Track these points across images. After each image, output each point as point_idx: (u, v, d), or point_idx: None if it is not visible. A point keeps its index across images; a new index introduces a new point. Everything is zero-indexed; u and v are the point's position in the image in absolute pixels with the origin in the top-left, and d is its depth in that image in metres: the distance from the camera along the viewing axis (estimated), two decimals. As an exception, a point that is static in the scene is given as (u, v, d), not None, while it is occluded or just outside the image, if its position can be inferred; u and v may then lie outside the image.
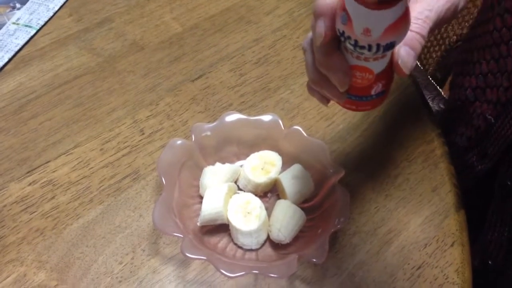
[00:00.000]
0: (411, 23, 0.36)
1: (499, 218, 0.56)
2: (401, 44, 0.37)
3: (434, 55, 1.05)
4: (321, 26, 0.36)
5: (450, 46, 1.00)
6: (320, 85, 0.42)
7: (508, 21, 0.54)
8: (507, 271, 0.57)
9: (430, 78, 1.02)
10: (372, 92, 0.40)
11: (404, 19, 0.34)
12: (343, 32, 0.35)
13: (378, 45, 0.35)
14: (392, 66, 0.39)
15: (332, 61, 0.38)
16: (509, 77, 0.55)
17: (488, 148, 0.59)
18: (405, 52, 0.38)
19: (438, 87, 1.00)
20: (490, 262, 0.58)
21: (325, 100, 0.44)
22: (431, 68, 1.07)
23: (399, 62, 0.38)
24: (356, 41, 0.35)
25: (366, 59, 0.38)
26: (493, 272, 0.58)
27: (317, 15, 0.37)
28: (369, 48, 0.35)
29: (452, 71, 0.71)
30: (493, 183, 0.57)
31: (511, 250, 0.55)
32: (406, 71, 0.38)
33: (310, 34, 0.41)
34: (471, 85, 0.62)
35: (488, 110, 0.59)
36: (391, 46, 0.35)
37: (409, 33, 0.37)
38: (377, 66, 0.38)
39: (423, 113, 0.68)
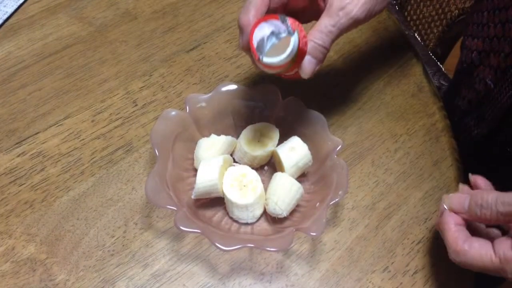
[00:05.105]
0: (316, 36, 0.47)
1: (499, 187, 0.55)
2: (308, 52, 0.46)
3: (435, 30, 1.03)
4: (240, 41, 0.48)
5: (452, 21, 0.98)
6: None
7: None
8: None
9: (431, 54, 1.00)
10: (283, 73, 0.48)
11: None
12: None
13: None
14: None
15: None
16: (511, 43, 0.53)
17: (486, 113, 0.58)
18: (307, 61, 0.47)
19: (438, 63, 0.98)
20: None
21: None
22: (431, 44, 1.04)
23: (300, 69, 0.47)
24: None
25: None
26: None
27: (239, 28, 0.48)
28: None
29: (463, 31, 0.69)
30: (491, 151, 0.56)
31: None
32: (304, 76, 0.48)
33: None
34: (477, 48, 0.61)
35: (489, 75, 0.58)
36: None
37: (313, 45, 0.46)
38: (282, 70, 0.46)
39: (425, 85, 0.66)
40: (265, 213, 0.52)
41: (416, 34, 1.02)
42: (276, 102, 0.57)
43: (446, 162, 0.59)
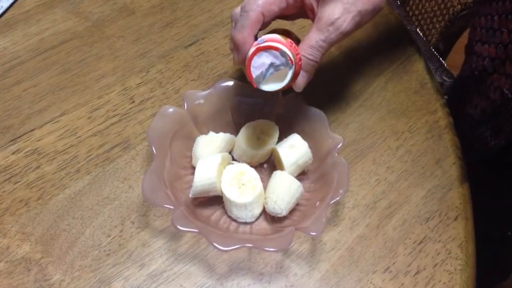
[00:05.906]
0: (308, 51, 0.49)
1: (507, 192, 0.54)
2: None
3: (437, 25, 1.01)
4: (235, 57, 0.50)
5: (454, 16, 0.97)
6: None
7: None
8: None
9: (433, 49, 0.99)
10: None
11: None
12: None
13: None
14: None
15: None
16: None
17: (503, 124, 0.56)
18: (300, 76, 0.49)
19: (441, 59, 0.97)
20: (509, 233, 0.56)
21: None
22: (433, 39, 1.03)
23: (294, 83, 0.50)
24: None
25: None
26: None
27: (234, 45, 0.50)
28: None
29: (469, 34, 0.67)
30: (505, 158, 0.55)
31: None
32: (297, 90, 0.51)
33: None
34: (490, 55, 0.59)
35: (505, 84, 0.56)
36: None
37: (305, 60, 0.49)
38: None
39: (427, 82, 0.65)
40: (264, 212, 0.51)
41: (418, 30, 1.01)
42: (276, 99, 0.56)
43: (449, 160, 0.58)
